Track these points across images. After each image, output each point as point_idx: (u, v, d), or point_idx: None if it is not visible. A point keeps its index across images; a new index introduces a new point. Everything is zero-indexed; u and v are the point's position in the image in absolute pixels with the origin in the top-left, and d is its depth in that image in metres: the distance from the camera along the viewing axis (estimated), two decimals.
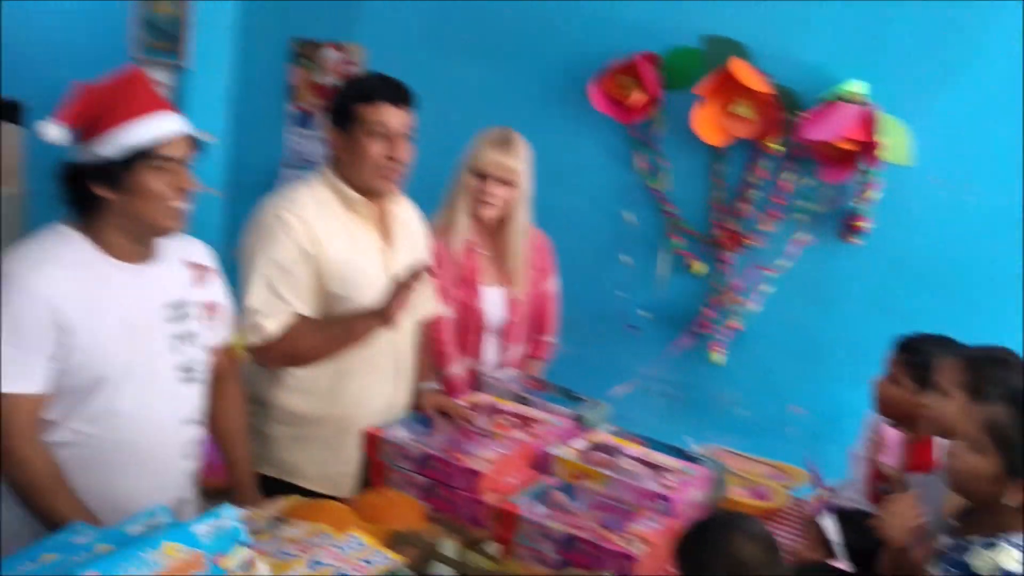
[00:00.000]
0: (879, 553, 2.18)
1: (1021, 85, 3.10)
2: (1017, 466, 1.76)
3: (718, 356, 3.58)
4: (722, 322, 3.57)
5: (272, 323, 2.30)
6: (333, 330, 2.35)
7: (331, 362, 2.38)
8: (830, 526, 2.14)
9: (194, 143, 1.97)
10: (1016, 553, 1.73)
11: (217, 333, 2.15)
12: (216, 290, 2.15)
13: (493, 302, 2.94)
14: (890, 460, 2.42)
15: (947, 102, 3.19)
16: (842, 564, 2.07)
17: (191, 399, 2.07)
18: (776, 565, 1.69)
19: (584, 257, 3.66)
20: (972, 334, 2.43)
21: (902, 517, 2.05)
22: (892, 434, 2.48)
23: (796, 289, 3.47)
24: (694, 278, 3.63)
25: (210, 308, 2.10)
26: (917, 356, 2.45)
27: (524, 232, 2.92)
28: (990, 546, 1.76)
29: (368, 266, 2.40)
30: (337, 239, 2.36)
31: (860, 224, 3.31)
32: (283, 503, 2.09)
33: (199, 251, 2.14)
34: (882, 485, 2.45)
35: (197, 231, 2.16)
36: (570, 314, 3.24)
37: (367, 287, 2.36)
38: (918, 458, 2.39)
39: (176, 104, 2.67)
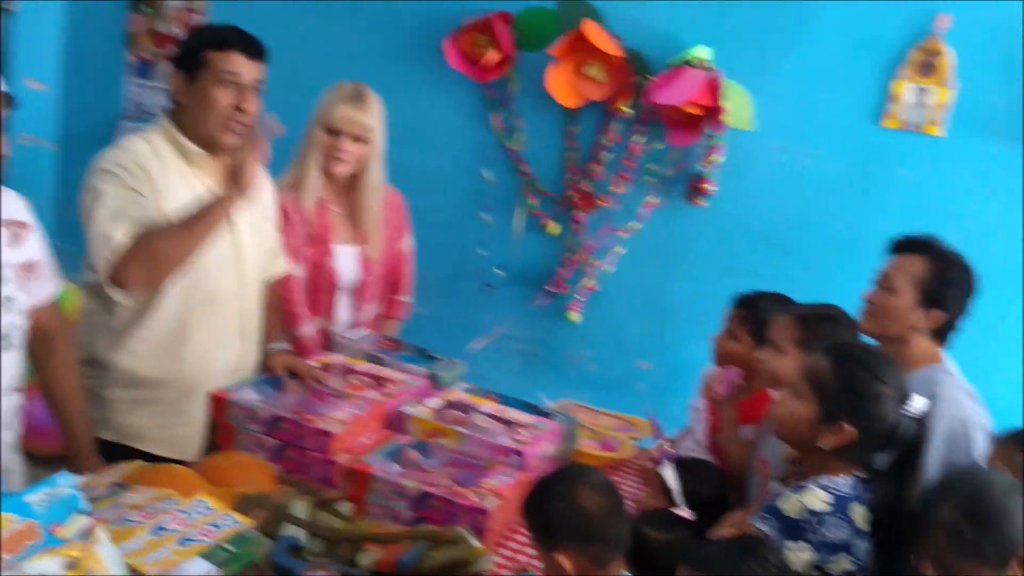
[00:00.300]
0: (717, 500, 2.30)
1: (855, 54, 3.25)
2: (831, 411, 1.88)
3: (575, 315, 3.65)
4: (578, 282, 3.64)
5: (120, 232, 2.16)
6: (188, 221, 2.19)
7: (174, 322, 2.29)
8: (670, 475, 2.22)
9: (7, 99, 1.83)
10: (822, 493, 1.85)
11: (37, 293, 2.03)
12: (34, 247, 2.02)
13: (346, 261, 2.89)
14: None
15: (787, 69, 3.32)
16: (683, 511, 2.16)
17: (9, 367, 1.95)
18: (618, 513, 1.74)
19: (440, 215, 3.65)
20: (808, 291, 2.57)
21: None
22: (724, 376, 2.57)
23: (646, 250, 3.57)
24: (549, 238, 3.68)
25: (27, 268, 1.97)
26: (753, 312, 2.57)
27: (378, 189, 2.88)
28: (800, 489, 1.87)
29: None
30: (177, 194, 2.26)
31: (705, 187, 3.42)
32: (124, 468, 2.01)
33: (16, 206, 2.00)
34: (718, 435, 2.56)
35: (26, 185, 2.03)
36: (425, 273, 3.22)
37: (209, 246, 2.27)
38: (754, 411, 2.51)
39: (2, 49, 2.49)
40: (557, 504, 1.72)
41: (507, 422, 2.46)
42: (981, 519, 1.64)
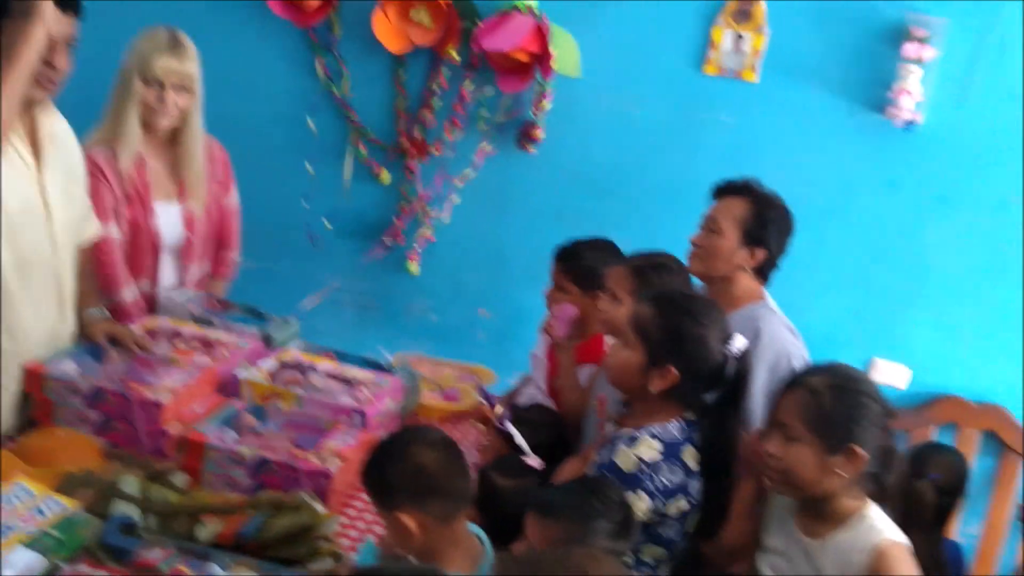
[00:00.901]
0: (557, 443, 2.36)
1: (677, 0, 3.30)
2: (656, 356, 1.95)
3: (413, 266, 3.61)
4: (414, 232, 3.60)
5: None
6: None
7: None
8: (514, 433, 2.26)
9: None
10: (653, 442, 1.93)
11: None
12: None
13: (168, 219, 2.74)
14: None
15: (611, 16, 3.34)
16: (531, 459, 2.20)
17: None
18: (457, 467, 1.75)
19: (265, 167, 3.51)
20: (638, 236, 2.63)
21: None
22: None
23: (481, 198, 3.56)
24: (382, 188, 3.60)
25: None
26: (574, 263, 2.62)
27: (200, 142, 2.73)
28: (632, 441, 1.93)
29: (18, 184, 2.13)
30: None
31: (536, 134, 3.44)
32: None
33: None
34: (555, 379, 2.61)
35: None
36: (252, 228, 3.10)
37: (17, 208, 2.10)
38: (590, 352, 2.57)
39: None
40: (392, 465, 1.72)
41: (346, 380, 2.42)
42: (842, 394, 1.78)
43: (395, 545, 1.73)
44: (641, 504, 1.88)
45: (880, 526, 1.76)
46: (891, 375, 3.36)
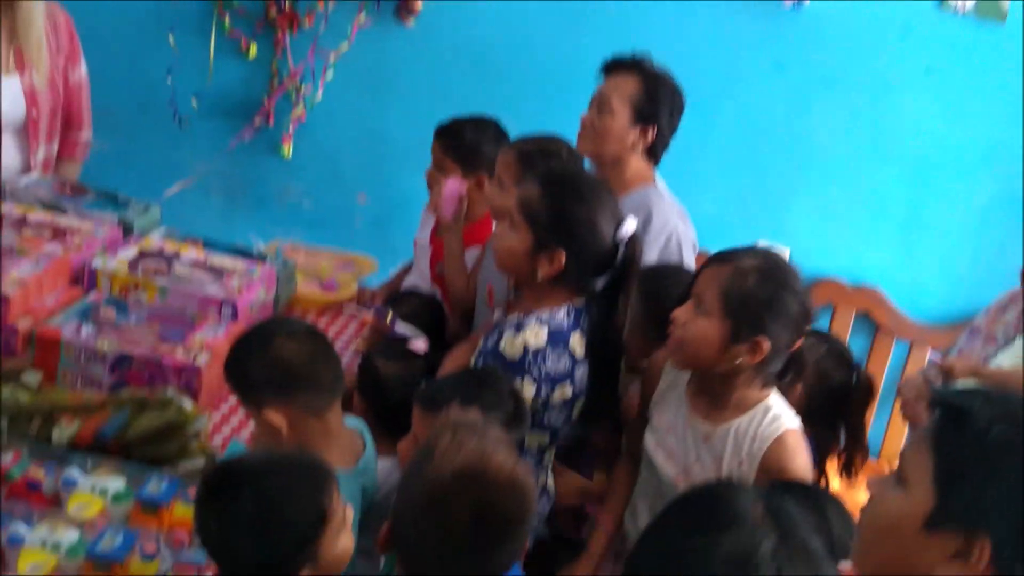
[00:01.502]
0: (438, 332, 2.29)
1: None
2: (544, 240, 1.86)
3: (286, 148, 3.40)
4: (286, 112, 3.38)
5: None
6: None
7: None
8: (400, 327, 2.18)
9: None
10: (540, 328, 1.86)
11: None
12: None
13: (7, 94, 2.49)
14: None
15: None
16: (416, 344, 2.13)
17: None
18: (324, 357, 1.66)
19: (119, 39, 3.22)
20: (525, 116, 2.52)
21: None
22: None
23: (356, 75, 3.36)
24: (250, 64, 3.35)
25: None
26: (456, 140, 2.49)
27: (39, 7, 2.48)
28: (518, 329, 1.87)
29: None
30: None
31: (414, 5, 3.24)
32: None
33: None
34: (439, 264, 2.51)
35: None
36: (107, 106, 2.85)
37: None
38: (477, 235, 2.48)
39: None
40: (254, 360, 1.61)
41: (214, 270, 2.27)
42: (766, 283, 1.68)
43: (266, 444, 1.63)
44: (527, 391, 1.83)
45: (781, 417, 1.73)
46: None
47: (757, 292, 1.67)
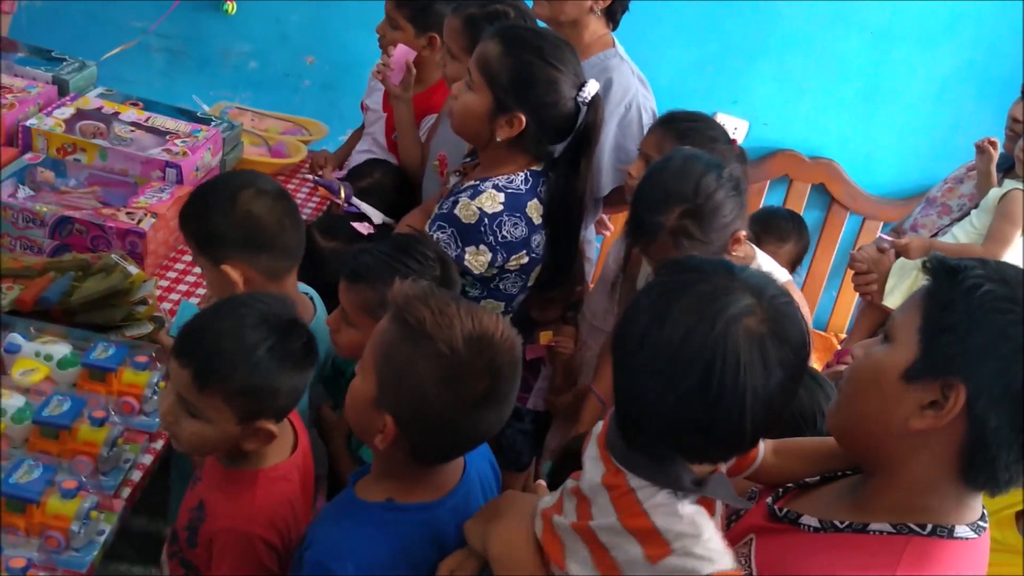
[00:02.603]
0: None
1: None
2: (503, 101, 1.79)
3: (231, 6, 3.22)
4: None
5: None
6: None
7: None
8: (363, 207, 2.11)
9: None
10: (496, 194, 1.81)
11: None
12: None
13: None
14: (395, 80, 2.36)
15: None
16: (360, 227, 2.08)
17: None
18: (291, 221, 1.59)
19: None
20: None
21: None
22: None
23: None
24: None
25: None
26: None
27: None
28: (474, 193, 1.81)
29: None
30: None
31: None
32: None
33: None
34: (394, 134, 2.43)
35: None
36: None
37: None
38: (430, 103, 2.39)
39: None
40: (220, 212, 1.54)
41: (156, 132, 2.17)
42: (706, 219, 1.63)
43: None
44: (482, 258, 1.80)
45: None
46: (730, 129, 3.34)
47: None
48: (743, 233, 1.68)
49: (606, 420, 1.11)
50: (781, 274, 1.76)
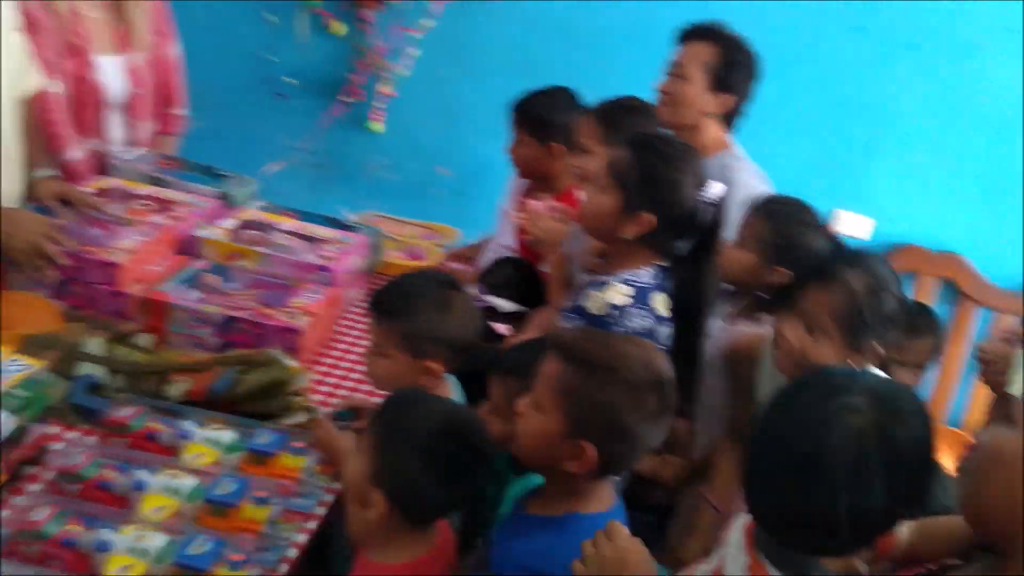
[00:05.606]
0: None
1: None
2: (631, 201, 1.91)
3: (377, 125, 3.49)
4: (373, 88, 3.46)
5: None
6: None
7: None
8: (494, 300, 2.25)
9: None
10: (623, 287, 1.91)
11: None
12: None
13: (111, 72, 2.57)
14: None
15: None
16: (499, 327, 2.20)
17: None
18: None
19: (213, 16, 3.32)
20: (604, 84, 2.55)
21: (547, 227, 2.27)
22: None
23: (440, 50, 3.41)
24: (336, 40, 3.44)
25: None
26: (527, 112, 2.54)
27: None
28: (602, 286, 1.92)
29: None
30: None
31: None
32: None
33: None
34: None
35: None
36: (203, 82, 2.95)
37: None
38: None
39: None
40: (435, 315, 1.73)
41: (310, 239, 2.36)
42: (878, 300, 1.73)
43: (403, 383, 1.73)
44: None
45: None
46: (854, 226, 3.37)
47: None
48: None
49: None
50: None
